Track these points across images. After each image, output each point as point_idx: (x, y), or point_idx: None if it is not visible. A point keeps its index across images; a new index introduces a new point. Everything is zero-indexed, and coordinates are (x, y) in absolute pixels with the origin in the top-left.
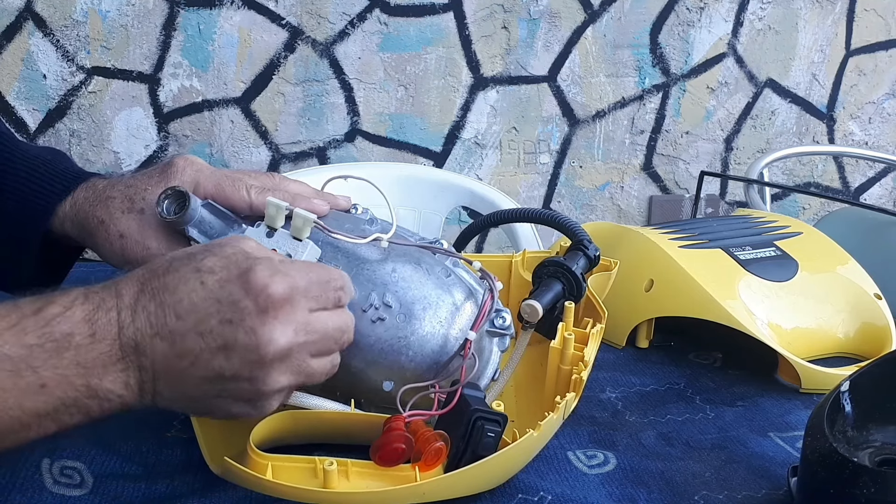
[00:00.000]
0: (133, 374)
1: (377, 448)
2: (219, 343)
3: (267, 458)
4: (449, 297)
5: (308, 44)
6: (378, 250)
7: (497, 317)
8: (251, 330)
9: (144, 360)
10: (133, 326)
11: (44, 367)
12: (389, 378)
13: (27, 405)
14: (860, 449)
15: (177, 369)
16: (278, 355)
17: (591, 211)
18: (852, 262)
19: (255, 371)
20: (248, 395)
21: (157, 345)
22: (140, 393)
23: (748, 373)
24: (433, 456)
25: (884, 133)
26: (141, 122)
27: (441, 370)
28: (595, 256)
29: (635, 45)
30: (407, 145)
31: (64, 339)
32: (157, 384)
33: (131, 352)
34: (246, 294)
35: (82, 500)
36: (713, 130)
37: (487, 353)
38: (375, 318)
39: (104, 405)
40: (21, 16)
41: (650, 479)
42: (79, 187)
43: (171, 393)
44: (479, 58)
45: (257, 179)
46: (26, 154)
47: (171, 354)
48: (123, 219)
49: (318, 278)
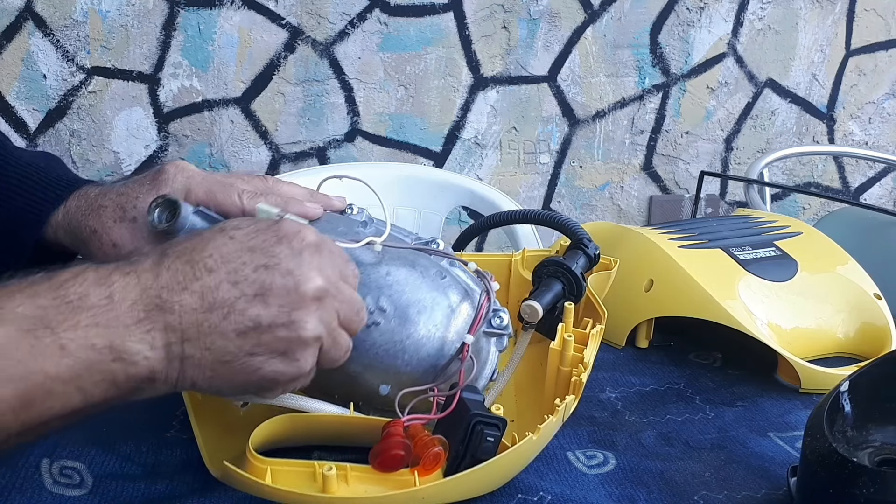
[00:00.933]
0: (159, 335)
1: (376, 454)
2: (255, 289)
3: (266, 463)
4: (444, 300)
5: (308, 44)
6: (372, 253)
7: (495, 317)
8: (288, 272)
9: (171, 318)
10: (157, 285)
11: (61, 327)
12: (386, 382)
13: (49, 369)
14: (860, 449)
15: (208, 325)
16: (317, 294)
17: (591, 211)
18: (852, 262)
19: (293, 314)
20: (285, 346)
21: (186, 300)
22: (167, 357)
23: (748, 373)
24: (432, 461)
25: (884, 133)
26: (141, 122)
27: (439, 374)
28: (595, 255)
29: (635, 45)
30: (407, 145)
31: (79, 300)
32: (185, 347)
33: (155, 310)
34: (279, 241)
35: (82, 501)
36: (713, 130)
37: (485, 354)
38: (371, 323)
39: (130, 370)
40: (21, 16)
41: (650, 479)
42: (71, 196)
43: (201, 355)
44: (479, 58)
45: (249, 184)
46: (19, 161)
47: (202, 308)
48: (116, 228)
49: (339, 249)
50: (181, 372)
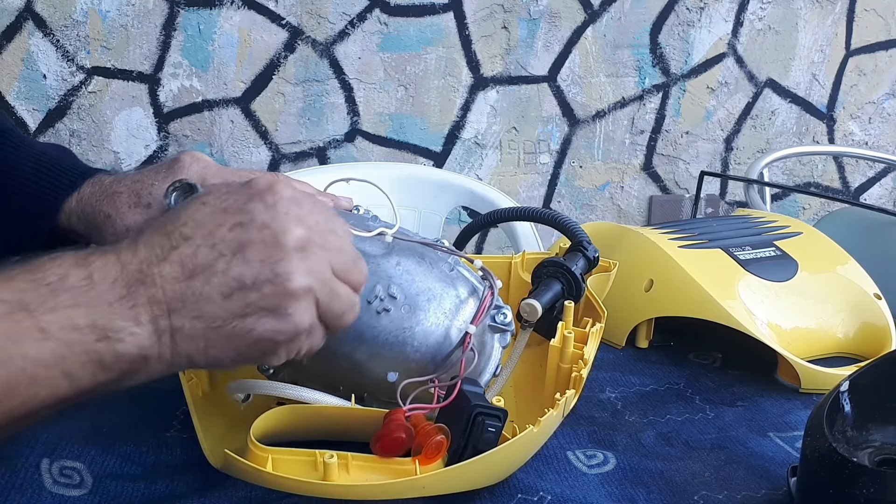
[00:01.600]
0: (144, 310)
1: (378, 438)
2: (233, 248)
3: (267, 451)
4: (453, 290)
5: (308, 44)
6: (382, 245)
7: (498, 313)
8: (263, 225)
9: (154, 291)
10: (136, 260)
11: (40, 310)
12: (394, 369)
13: (30, 353)
14: (860, 449)
15: (192, 292)
16: (298, 244)
17: (591, 211)
18: (852, 262)
19: (276, 266)
20: (274, 302)
21: (167, 270)
22: (156, 331)
23: (748, 373)
24: (434, 449)
25: (884, 133)
26: (141, 121)
27: (442, 363)
28: (594, 258)
29: (635, 45)
30: (407, 145)
31: (58, 282)
32: (173, 319)
33: (138, 285)
34: (251, 198)
35: (82, 501)
36: (713, 130)
37: (489, 349)
38: (381, 310)
39: (118, 348)
40: (21, 16)
41: (650, 479)
42: (85, 183)
43: (191, 326)
44: (479, 58)
45: None
46: (33, 150)
47: (184, 276)
48: (130, 213)
49: (322, 203)
50: (173, 347)
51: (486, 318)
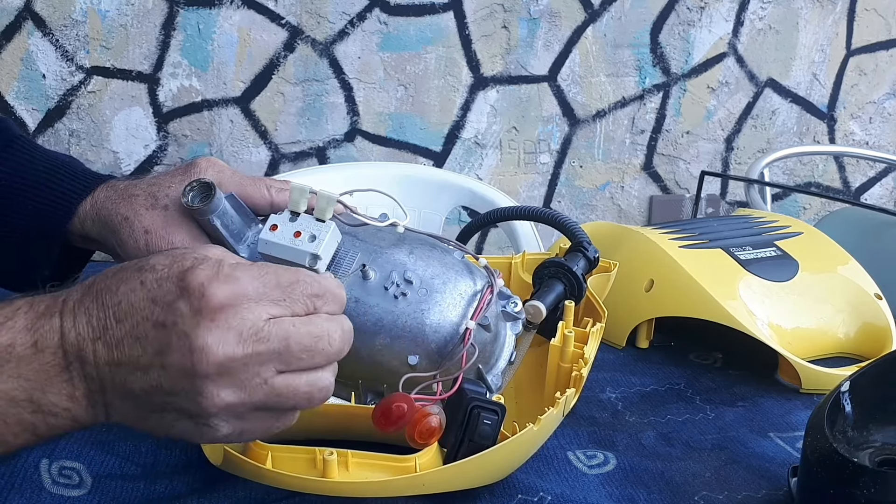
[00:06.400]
0: (80, 385)
1: (378, 410)
2: (155, 348)
3: (266, 448)
4: (467, 274)
5: (308, 43)
6: (395, 236)
7: (509, 303)
8: (184, 335)
9: (90, 369)
10: (74, 331)
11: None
12: (414, 352)
13: None
14: (860, 449)
15: (119, 379)
16: (215, 366)
17: (591, 211)
18: (853, 262)
19: (190, 383)
20: (189, 412)
21: (100, 351)
22: (91, 405)
23: (748, 373)
24: (427, 430)
25: (884, 133)
26: (140, 121)
27: (446, 357)
28: (594, 258)
29: (635, 44)
30: (407, 145)
31: (4, 351)
32: (106, 395)
33: (76, 360)
34: (180, 295)
35: (81, 501)
36: (713, 130)
37: (503, 338)
38: (398, 294)
39: (50, 421)
40: (20, 15)
41: (650, 480)
42: (99, 187)
43: (122, 405)
44: (479, 57)
45: (277, 182)
46: (45, 156)
47: (113, 362)
48: (147, 215)
49: (277, 281)
50: (108, 416)
51: (497, 307)
